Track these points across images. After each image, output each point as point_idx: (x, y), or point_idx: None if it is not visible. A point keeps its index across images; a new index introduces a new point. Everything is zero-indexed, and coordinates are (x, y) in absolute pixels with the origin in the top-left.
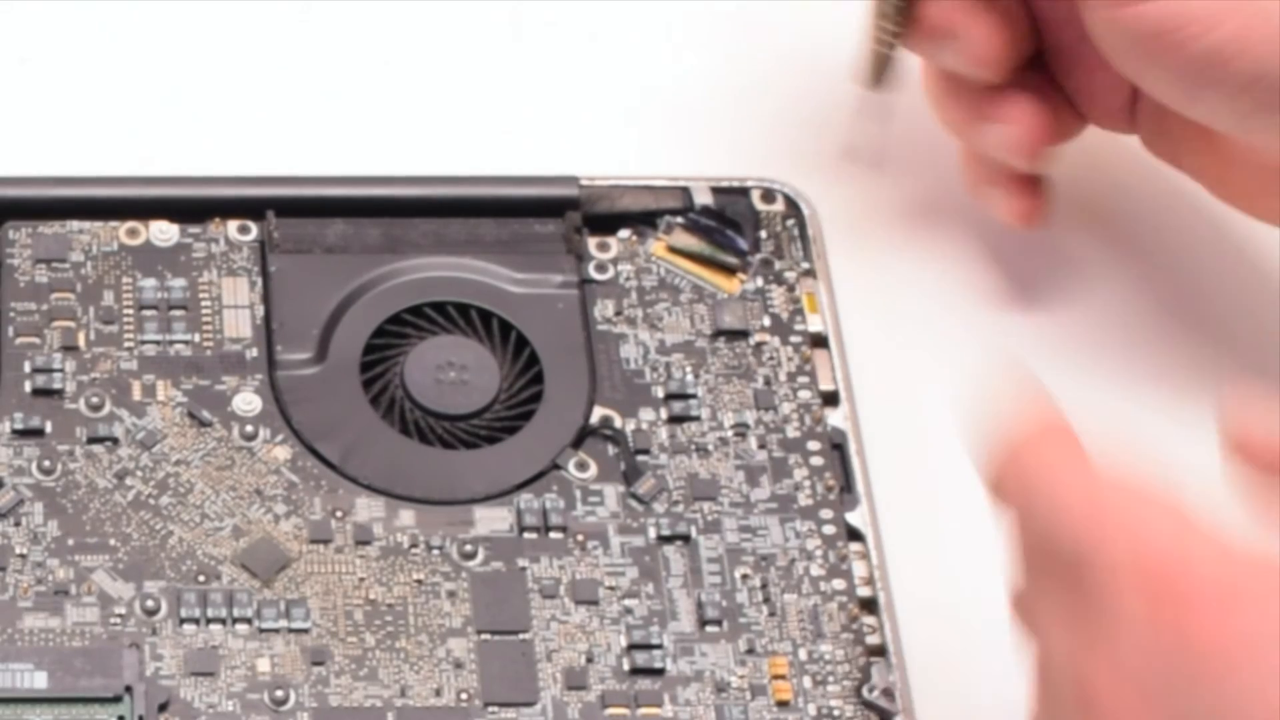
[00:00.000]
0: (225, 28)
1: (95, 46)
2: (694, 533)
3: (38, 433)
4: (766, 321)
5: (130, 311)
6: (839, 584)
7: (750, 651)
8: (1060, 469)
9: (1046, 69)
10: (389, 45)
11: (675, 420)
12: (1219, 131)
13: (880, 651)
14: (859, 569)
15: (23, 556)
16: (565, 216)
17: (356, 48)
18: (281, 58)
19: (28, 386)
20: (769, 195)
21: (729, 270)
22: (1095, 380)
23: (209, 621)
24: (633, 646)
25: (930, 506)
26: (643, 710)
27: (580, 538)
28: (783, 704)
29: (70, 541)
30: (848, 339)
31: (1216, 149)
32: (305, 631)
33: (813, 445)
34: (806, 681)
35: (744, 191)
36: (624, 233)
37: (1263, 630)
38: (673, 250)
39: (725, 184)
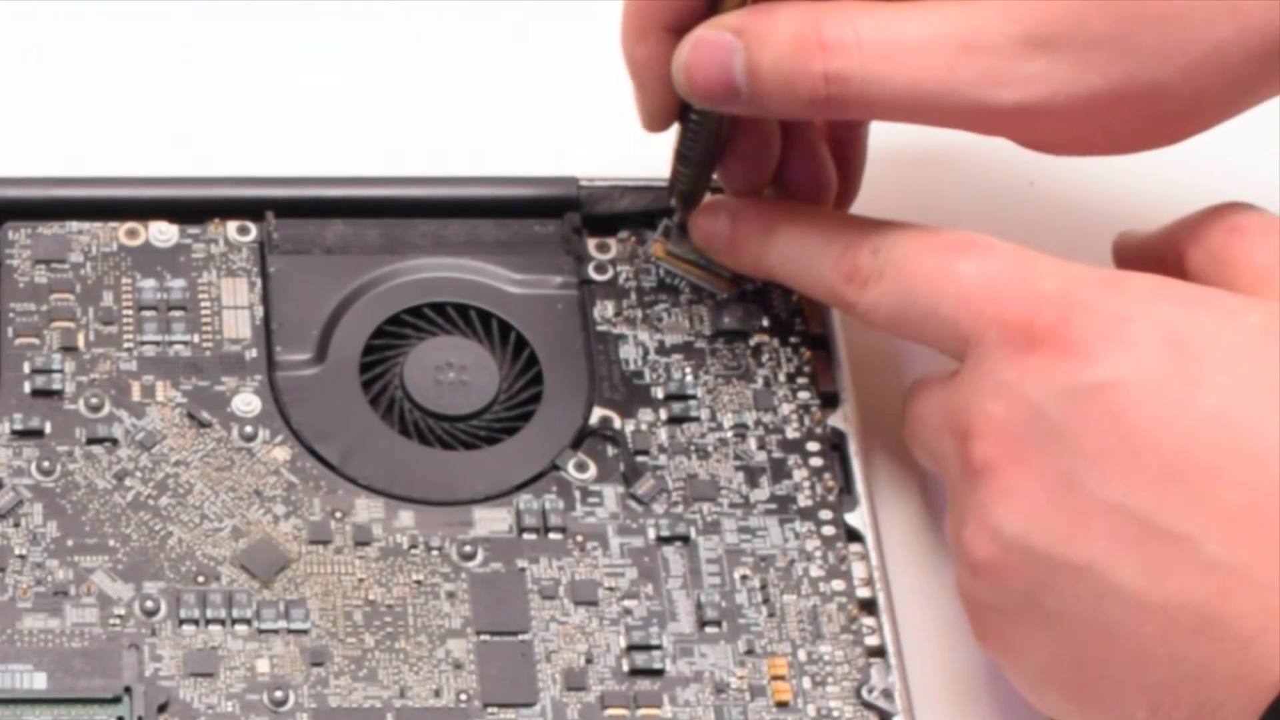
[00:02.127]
0: (225, 28)
1: (95, 46)
2: (693, 534)
3: (37, 433)
4: (766, 322)
5: (130, 312)
6: (838, 585)
7: (750, 652)
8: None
9: None
10: (388, 46)
11: (675, 421)
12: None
13: (879, 652)
14: (858, 570)
15: (22, 557)
16: (564, 217)
17: (356, 48)
18: (281, 58)
19: (27, 387)
20: None
21: (725, 277)
22: None
23: (208, 622)
24: (632, 647)
25: (929, 507)
26: (642, 711)
27: (579, 538)
28: (782, 705)
29: (69, 542)
30: (847, 340)
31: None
32: (304, 632)
33: (812, 446)
34: (806, 682)
35: None
36: (623, 234)
37: (1123, 357)
38: (671, 255)
39: None
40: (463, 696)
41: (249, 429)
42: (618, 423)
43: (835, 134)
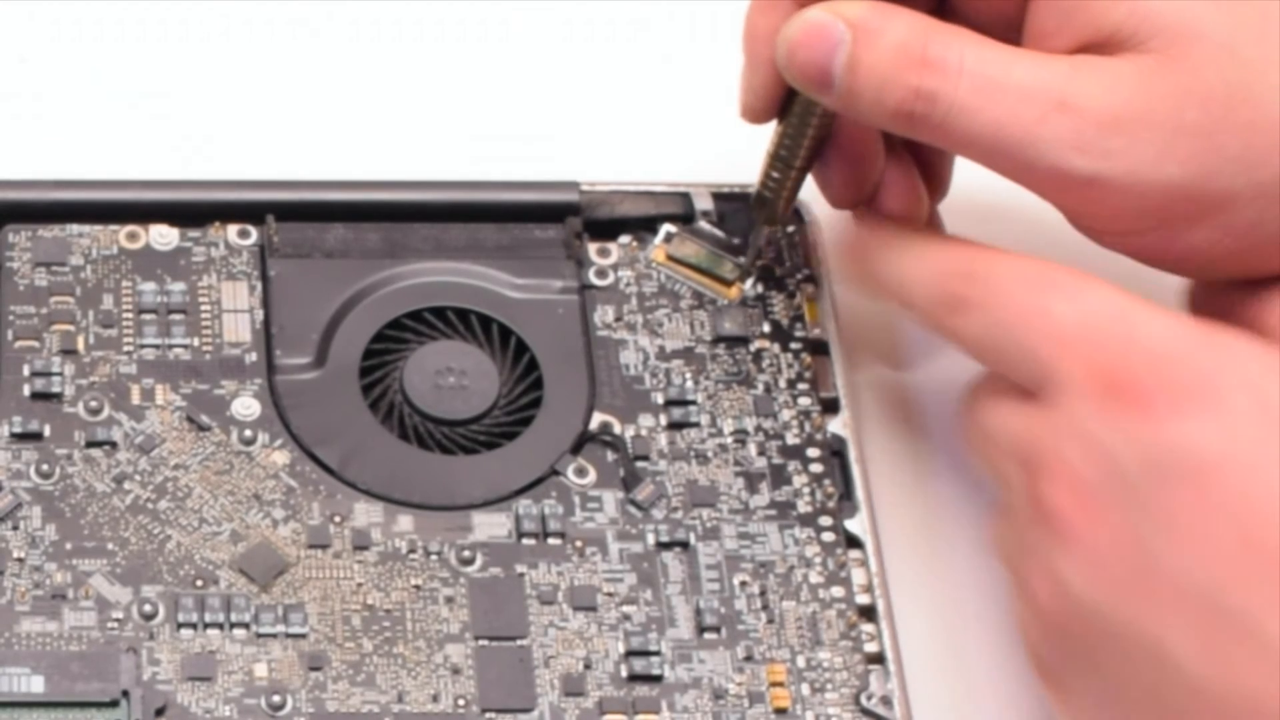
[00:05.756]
0: (226, 31)
1: (95, 47)
2: (693, 539)
3: (36, 436)
4: (767, 328)
5: (130, 315)
6: (838, 591)
7: (748, 659)
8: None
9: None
10: (389, 49)
11: (674, 426)
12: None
13: (879, 659)
14: (858, 576)
15: (20, 560)
16: (565, 222)
17: (357, 52)
18: (282, 61)
19: (26, 390)
20: None
21: (726, 283)
22: None
23: (206, 626)
24: (631, 653)
25: (929, 514)
26: (640, 717)
27: (579, 544)
28: (781, 711)
29: (68, 545)
30: (848, 346)
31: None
32: (303, 637)
33: (812, 452)
34: (805, 689)
35: (745, 197)
36: (624, 238)
37: (1212, 424)
38: (672, 260)
39: (726, 189)
40: (461, 701)
41: (248, 433)
42: (618, 428)
43: (924, 155)
